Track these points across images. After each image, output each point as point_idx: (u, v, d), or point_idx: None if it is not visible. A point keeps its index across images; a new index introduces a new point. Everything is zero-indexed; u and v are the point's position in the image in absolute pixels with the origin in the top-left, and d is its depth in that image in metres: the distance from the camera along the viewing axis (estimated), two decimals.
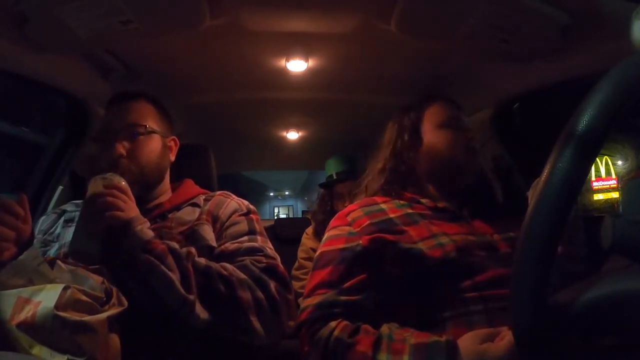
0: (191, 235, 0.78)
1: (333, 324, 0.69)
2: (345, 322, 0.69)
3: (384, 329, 0.66)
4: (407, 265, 0.73)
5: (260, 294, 0.70)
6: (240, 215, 0.84)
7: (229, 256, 0.76)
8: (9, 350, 0.51)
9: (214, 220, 0.82)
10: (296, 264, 1.72)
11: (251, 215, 0.85)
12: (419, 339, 0.62)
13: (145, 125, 0.83)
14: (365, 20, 0.99)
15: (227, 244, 0.78)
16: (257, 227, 0.83)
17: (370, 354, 0.62)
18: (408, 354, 0.60)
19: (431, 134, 0.89)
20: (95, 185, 0.69)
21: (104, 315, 0.56)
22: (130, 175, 0.78)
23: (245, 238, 0.80)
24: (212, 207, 0.85)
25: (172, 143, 0.91)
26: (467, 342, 0.59)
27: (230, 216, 0.83)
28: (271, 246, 0.83)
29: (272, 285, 0.73)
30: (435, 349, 0.60)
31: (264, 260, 0.76)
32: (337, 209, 1.67)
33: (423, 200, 0.85)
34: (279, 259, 0.81)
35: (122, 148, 0.79)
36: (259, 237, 0.81)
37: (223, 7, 0.92)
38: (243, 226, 0.82)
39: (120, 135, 0.80)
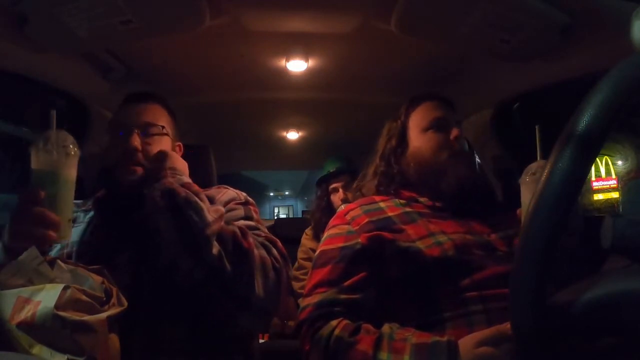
0: None
1: (334, 322, 0.69)
2: (346, 322, 0.69)
3: (385, 328, 0.66)
4: (405, 264, 0.73)
5: (265, 254, 0.71)
6: (237, 203, 0.84)
7: None
8: (9, 350, 0.51)
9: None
10: (296, 265, 1.72)
11: (249, 206, 0.85)
12: (420, 339, 0.62)
13: (162, 126, 0.85)
14: (365, 20, 1.00)
15: None
16: (254, 215, 0.83)
17: (371, 352, 0.62)
18: (409, 353, 0.60)
19: (416, 139, 0.90)
20: (40, 160, 0.60)
21: (104, 315, 0.56)
22: (143, 169, 0.80)
23: (241, 222, 0.80)
24: (209, 194, 0.85)
25: (178, 148, 0.93)
26: (467, 344, 0.59)
27: (226, 203, 0.83)
28: (268, 232, 0.83)
29: (274, 251, 0.74)
30: (436, 349, 0.60)
31: (263, 235, 0.77)
32: (333, 205, 1.69)
33: (421, 199, 0.85)
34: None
35: (138, 142, 0.80)
36: (255, 223, 0.81)
37: (223, 7, 0.92)
38: (239, 212, 0.82)
39: (137, 131, 0.81)
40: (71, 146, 0.63)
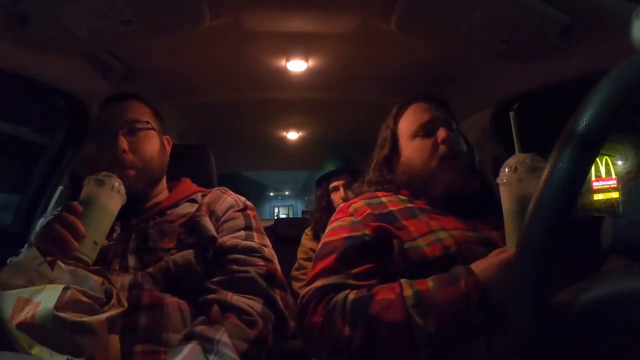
0: (193, 227, 0.78)
1: (346, 291, 0.67)
2: (357, 290, 0.68)
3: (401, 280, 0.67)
4: (407, 262, 0.72)
5: (270, 313, 0.71)
6: (236, 211, 0.84)
7: (227, 251, 0.76)
8: (8, 350, 0.51)
9: (210, 213, 0.82)
10: (296, 265, 1.72)
11: (247, 211, 0.85)
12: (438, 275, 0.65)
13: (146, 121, 0.84)
14: (365, 20, 1.00)
15: (224, 238, 0.78)
16: (253, 223, 0.83)
17: (395, 296, 0.63)
18: (432, 281, 0.64)
19: (406, 147, 0.88)
20: (89, 187, 0.69)
21: (104, 316, 0.56)
22: (136, 170, 0.79)
23: (242, 233, 0.80)
24: (209, 200, 0.85)
25: (167, 142, 0.92)
26: (480, 265, 0.63)
27: (226, 211, 0.83)
28: (268, 243, 0.82)
29: (279, 297, 0.73)
30: (455, 271, 0.64)
31: (263, 264, 0.76)
32: (333, 204, 1.69)
33: (420, 197, 0.85)
34: (276, 259, 0.80)
35: (124, 143, 0.79)
36: (255, 234, 0.81)
37: (223, 7, 0.92)
38: (239, 221, 0.82)
39: (122, 131, 0.79)
40: (117, 184, 0.72)
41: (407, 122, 0.89)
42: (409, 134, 0.88)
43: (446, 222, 0.77)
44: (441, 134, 0.83)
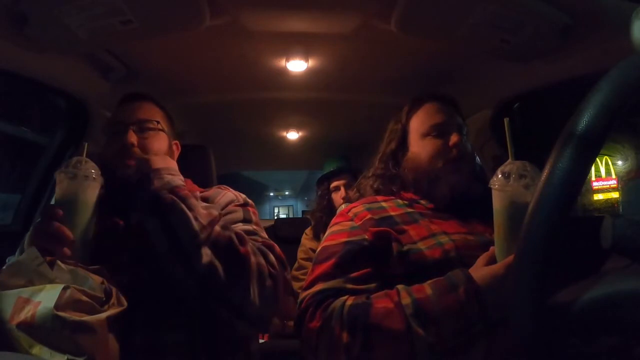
0: None
1: (343, 297, 0.67)
2: (355, 296, 0.68)
3: (398, 286, 0.67)
4: (407, 265, 0.72)
5: (262, 261, 0.70)
6: (236, 205, 0.84)
7: None
8: (9, 350, 0.51)
9: None
10: (296, 265, 1.72)
11: (248, 207, 0.85)
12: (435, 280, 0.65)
13: (157, 121, 0.86)
14: (365, 20, 1.00)
15: None
16: (252, 217, 0.83)
17: (393, 305, 0.63)
18: (430, 286, 0.64)
19: (415, 144, 0.88)
20: (63, 184, 0.66)
21: (104, 315, 0.56)
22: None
23: (240, 224, 0.80)
24: (208, 195, 0.86)
25: (175, 147, 0.93)
26: (477, 268, 0.64)
27: (225, 206, 0.83)
28: (266, 236, 0.82)
29: (271, 257, 0.73)
30: (452, 275, 0.64)
31: (260, 240, 0.76)
32: (334, 204, 1.69)
33: (422, 201, 0.85)
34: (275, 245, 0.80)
35: (134, 138, 0.80)
36: (253, 226, 0.81)
37: (223, 7, 0.92)
38: (239, 214, 0.82)
39: (132, 128, 0.81)
40: (93, 172, 0.67)
41: (420, 120, 0.89)
42: (420, 132, 0.88)
43: (447, 226, 0.77)
44: (454, 138, 0.83)
